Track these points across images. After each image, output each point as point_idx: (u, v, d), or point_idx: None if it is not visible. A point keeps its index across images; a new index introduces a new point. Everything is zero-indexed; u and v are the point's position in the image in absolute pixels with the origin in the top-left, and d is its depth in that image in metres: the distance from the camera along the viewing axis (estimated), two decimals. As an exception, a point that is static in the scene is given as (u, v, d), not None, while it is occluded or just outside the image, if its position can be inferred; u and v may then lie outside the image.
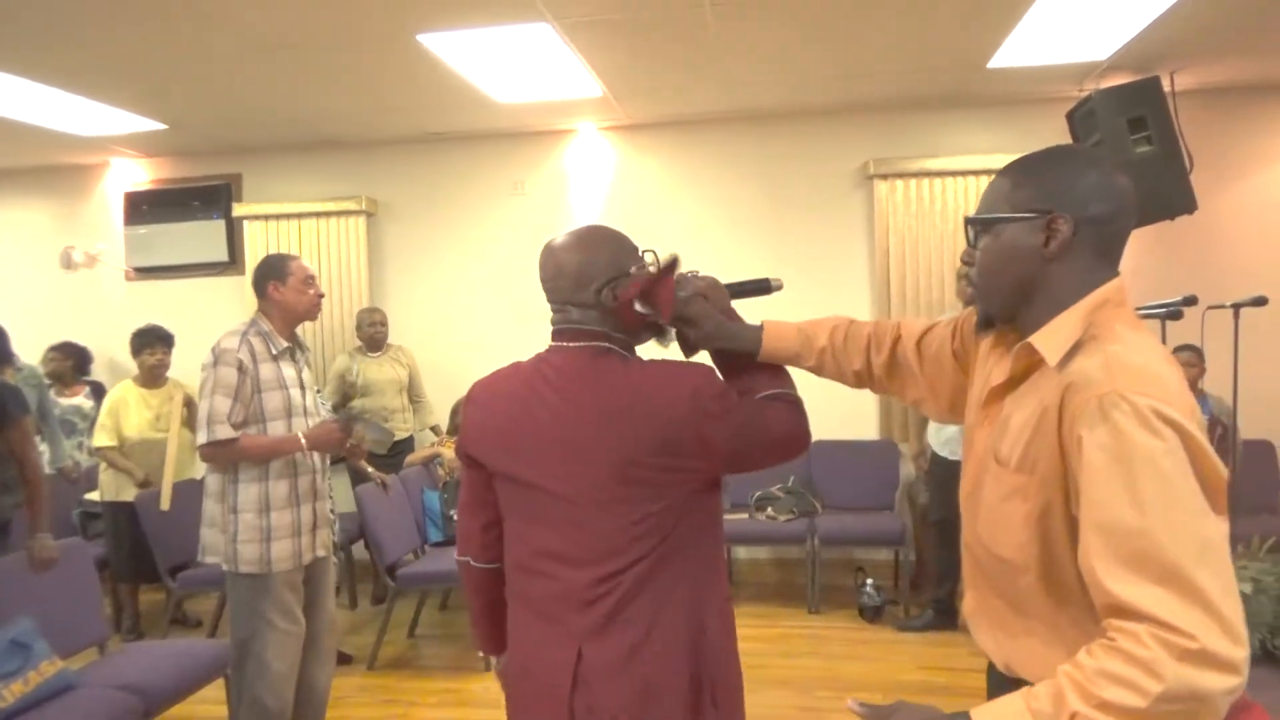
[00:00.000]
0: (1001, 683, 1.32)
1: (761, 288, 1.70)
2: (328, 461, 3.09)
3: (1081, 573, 1.13)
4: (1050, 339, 1.22)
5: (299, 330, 3.04)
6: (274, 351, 2.87)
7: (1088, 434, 1.11)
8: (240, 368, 2.77)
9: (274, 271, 2.91)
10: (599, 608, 1.47)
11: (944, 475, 4.50)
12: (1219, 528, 1.07)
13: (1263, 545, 3.03)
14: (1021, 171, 1.29)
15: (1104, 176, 1.23)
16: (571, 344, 1.56)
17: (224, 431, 2.73)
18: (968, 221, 1.33)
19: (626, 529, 1.46)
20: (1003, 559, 1.28)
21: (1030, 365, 1.26)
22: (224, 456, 2.79)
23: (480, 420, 1.63)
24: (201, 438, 2.75)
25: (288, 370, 2.91)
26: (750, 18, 3.81)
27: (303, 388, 2.96)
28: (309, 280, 2.93)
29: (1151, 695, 1.00)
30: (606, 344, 1.55)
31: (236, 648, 2.85)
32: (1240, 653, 1.01)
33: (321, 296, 2.99)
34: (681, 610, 1.49)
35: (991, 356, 1.38)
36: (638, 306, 1.52)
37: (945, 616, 4.49)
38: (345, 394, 5.19)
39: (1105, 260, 1.24)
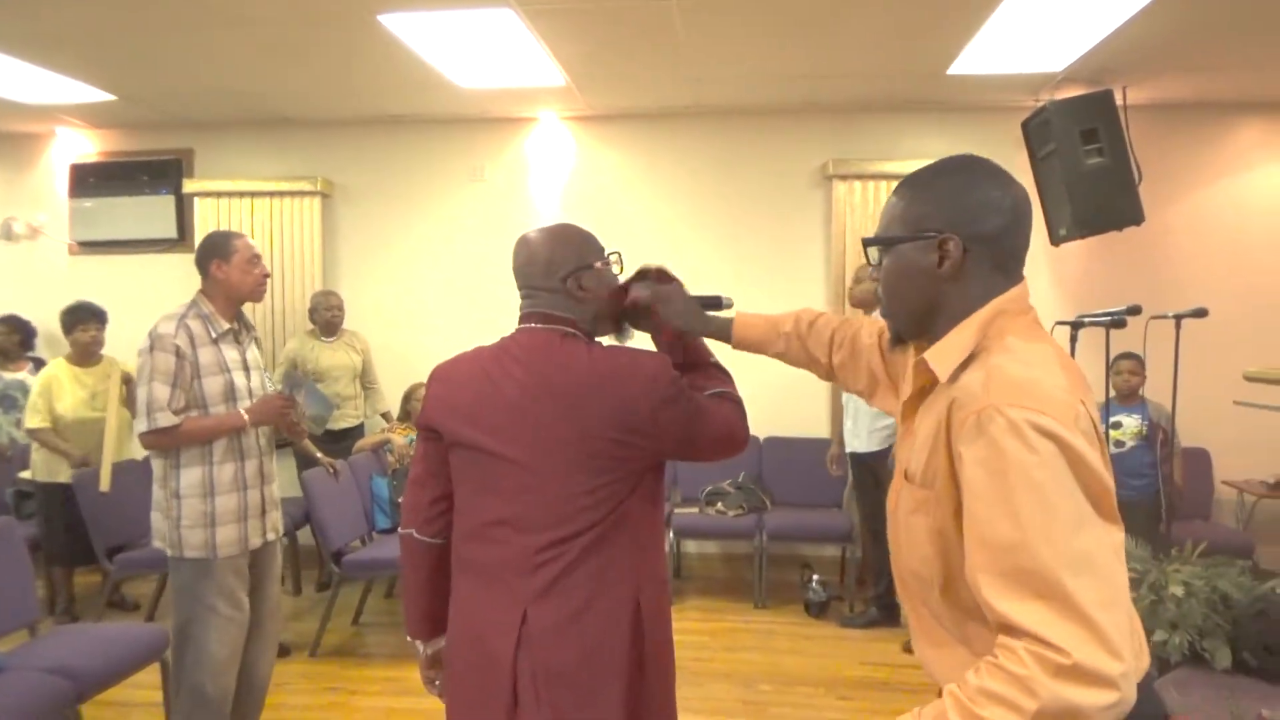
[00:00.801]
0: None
1: (714, 304, 1.82)
2: (273, 445, 3.03)
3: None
4: (942, 354, 1.22)
5: (249, 311, 2.97)
6: (214, 334, 2.79)
7: (966, 450, 1.11)
8: (178, 353, 2.69)
9: (217, 249, 2.83)
10: (545, 572, 1.57)
11: (861, 473, 4.59)
12: (1103, 538, 1.05)
13: (1195, 550, 3.13)
14: (912, 188, 1.28)
15: (994, 190, 1.22)
16: (539, 325, 1.68)
17: (165, 419, 2.66)
18: (865, 243, 1.32)
19: (577, 498, 1.56)
20: (916, 573, 1.28)
21: (931, 379, 1.26)
22: (166, 443, 2.72)
23: (445, 394, 1.72)
24: (141, 426, 2.68)
25: (230, 353, 2.84)
26: (716, 14, 3.81)
27: (247, 370, 2.89)
28: (254, 259, 2.85)
29: (1028, 713, 0.98)
30: (571, 329, 1.67)
31: (177, 633, 2.78)
32: (1117, 667, 0.98)
33: (267, 276, 2.91)
34: (624, 580, 1.60)
35: (910, 369, 1.38)
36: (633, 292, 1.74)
37: (887, 613, 4.56)
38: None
39: (1002, 273, 1.23)
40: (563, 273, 1.67)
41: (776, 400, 5.01)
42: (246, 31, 4.00)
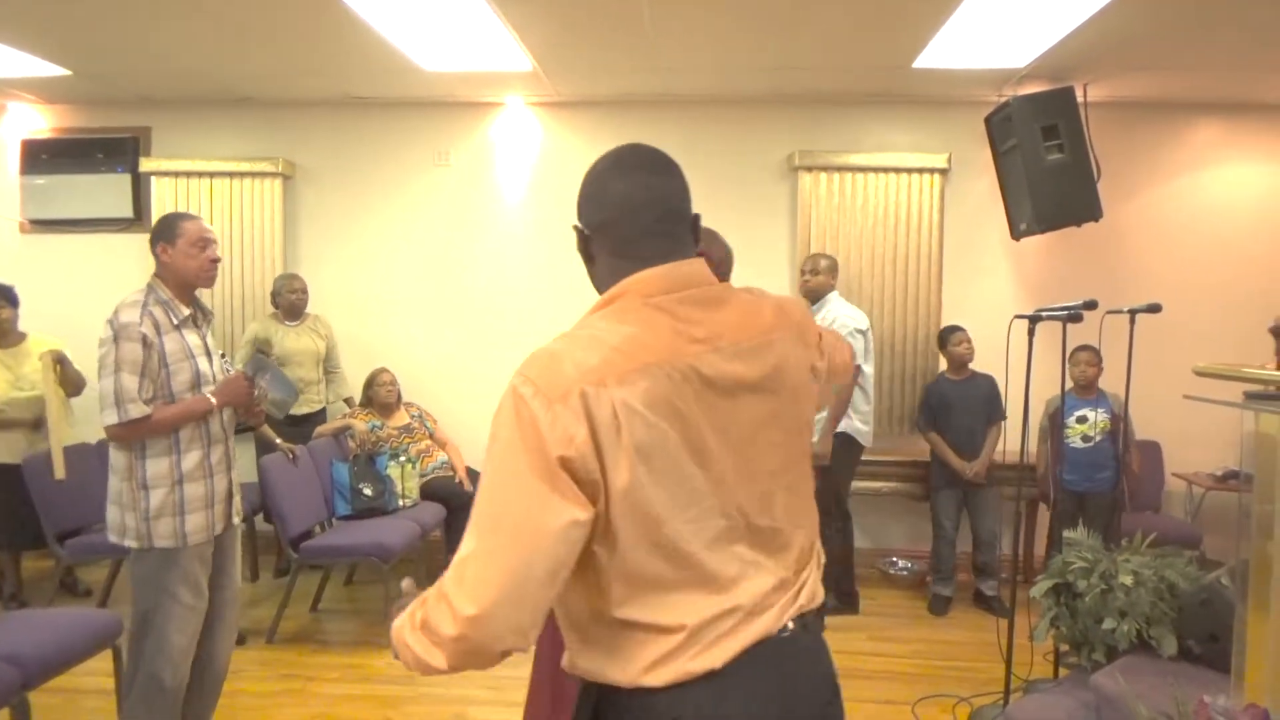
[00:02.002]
0: None
1: None
2: (233, 429, 2.98)
3: None
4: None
5: (208, 294, 2.92)
6: (175, 321, 2.73)
7: None
8: (145, 342, 2.63)
9: (164, 232, 2.75)
10: None
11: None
12: (532, 502, 1.12)
13: (1144, 540, 3.20)
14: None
15: (600, 188, 1.34)
16: None
17: (138, 410, 2.60)
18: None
19: None
20: None
21: None
22: (135, 435, 2.66)
23: None
24: (111, 418, 2.60)
25: (192, 339, 2.78)
26: (683, 3, 3.80)
27: (209, 355, 2.84)
28: (202, 242, 2.75)
29: (423, 613, 1.16)
30: None
31: (138, 621, 2.73)
32: (466, 609, 1.10)
33: (215, 261, 2.79)
34: None
35: None
36: None
37: (846, 599, 4.62)
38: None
39: (624, 258, 1.31)
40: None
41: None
42: (206, 7, 3.91)
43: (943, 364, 5.07)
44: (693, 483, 1.20)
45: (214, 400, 2.75)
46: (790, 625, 1.28)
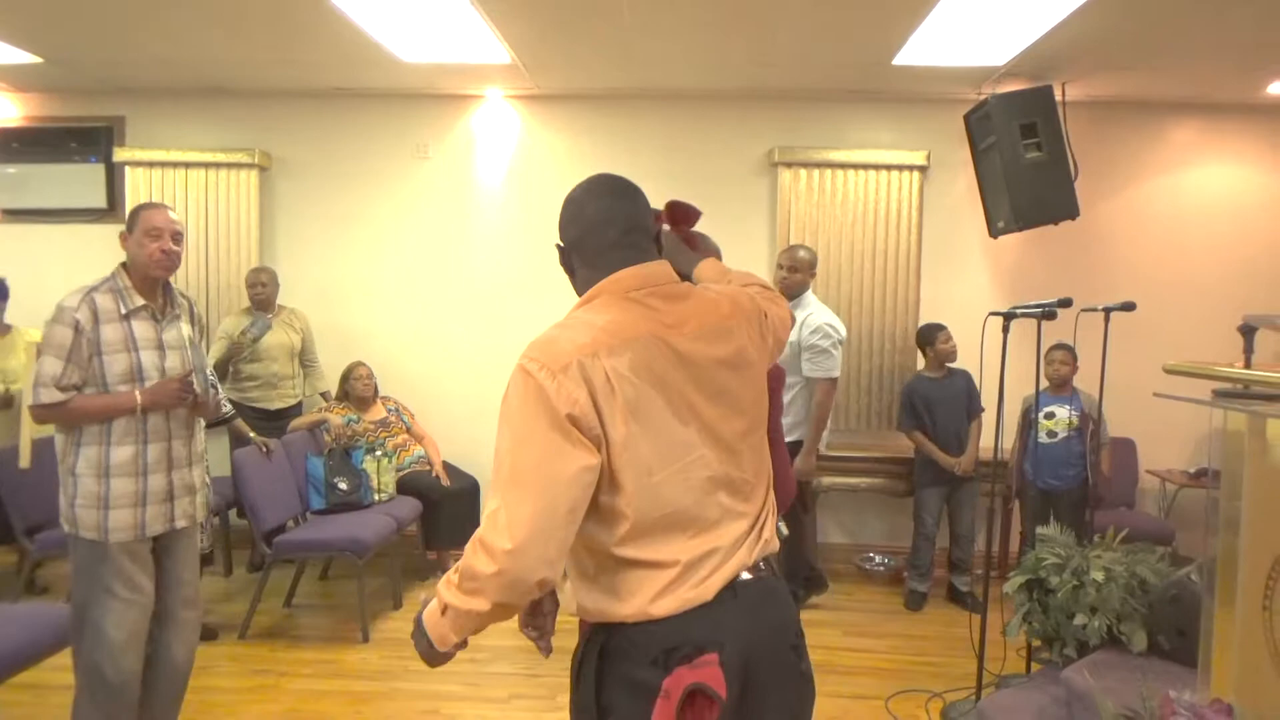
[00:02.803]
0: None
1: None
2: (193, 428, 2.92)
3: None
4: None
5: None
6: (124, 310, 2.68)
7: None
8: (76, 328, 2.59)
9: (128, 220, 2.75)
10: None
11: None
12: (549, 453, 1.34)
13: (1116, 536, 3.22)
14: None
15: (576, 211, 1.58)
16: None
17: (49, 395, 2.57)
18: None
19: None
20: None
21: None
22: (55, 419, 2.63)
23: None
24: (28, 399, 2.60)
25: (143, 330, 2.72)
26: (662, -5, 3.79)
27: (163, 349, 2.77)
28: (155, 232, 2.70)
29: (458, 571, 1.36)
30: None
31: (76, 613, 2.70)
32: (503, 544, 1.30)
33: (166, 253, 2.72)
34: None
35: None
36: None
37: (814, 583, 4.62)
38: (230, 355, 4.97)
39: (597, 268, 1.54)
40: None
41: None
42: (179, -5, 3.86)
43: (920, 361, 5.06)
44: (678, 437, 1.43)
45: (139, 399, 2.68)
46: (761, 565, 1.51)
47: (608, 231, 1.54)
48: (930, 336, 4.87)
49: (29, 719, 3.26)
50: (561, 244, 1.60)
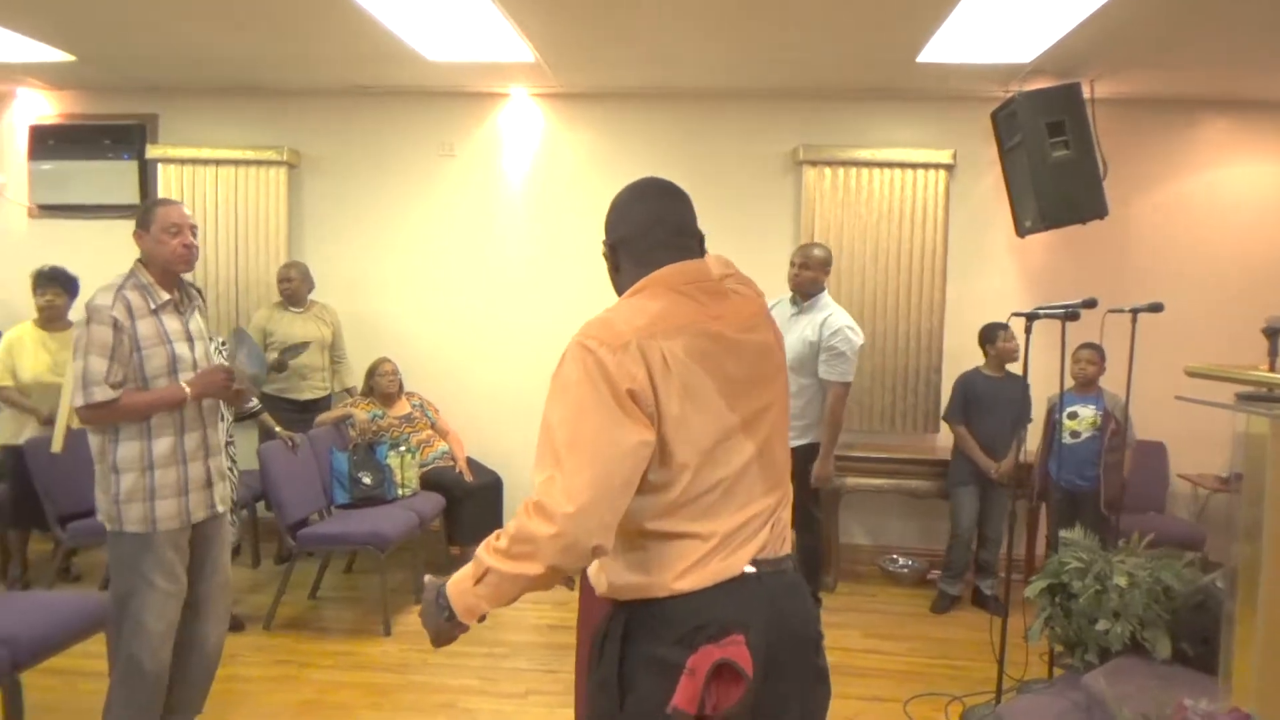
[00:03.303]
0: None
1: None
2: (228, 415, 2.99)
3: None
4: None
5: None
6: (153, 305, 2.74)
7: None
8: (115, 326, 2.64)
9: (140, 218, 2.76)
10: None
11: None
12: (608, 423, 1.38)
13: (1142, 541, 3.17)
14: None
15: (625, 211, 1.66)
16: None
17: (102, 394, 2.61)
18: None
19: None
20: None
21: None
22: (104, 418, 2.67)
23: None
24: (78, 400, 2.62)
25: (171, 324, 2.78)
26: (685, -7, 3.78)
27: (191, 340, 2.84)
28: (174, 228, 2.74)
29: (507, 534, 1.40)
30: None
31: (115, 605, 2.76)
32: (564, 507, 1.34)
33: (189, 246, 2.76)
34: None
35: None
36: None
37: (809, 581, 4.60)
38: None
39: (643, 265, 1.59)
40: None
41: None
42: (209, -5, 3.92)
43: (964, 360, 5.00)
44: (725, 420, 1.50)
45: (188, 390, 2.74)
46: (785, 557, 1.57)
47: (656, 231, 1.61)
48: (991, 335, 4.79)
49: (59, 705, 3.33)
50: (609, 242, 1.66)
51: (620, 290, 1.63)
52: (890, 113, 5.37)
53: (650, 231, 1.61)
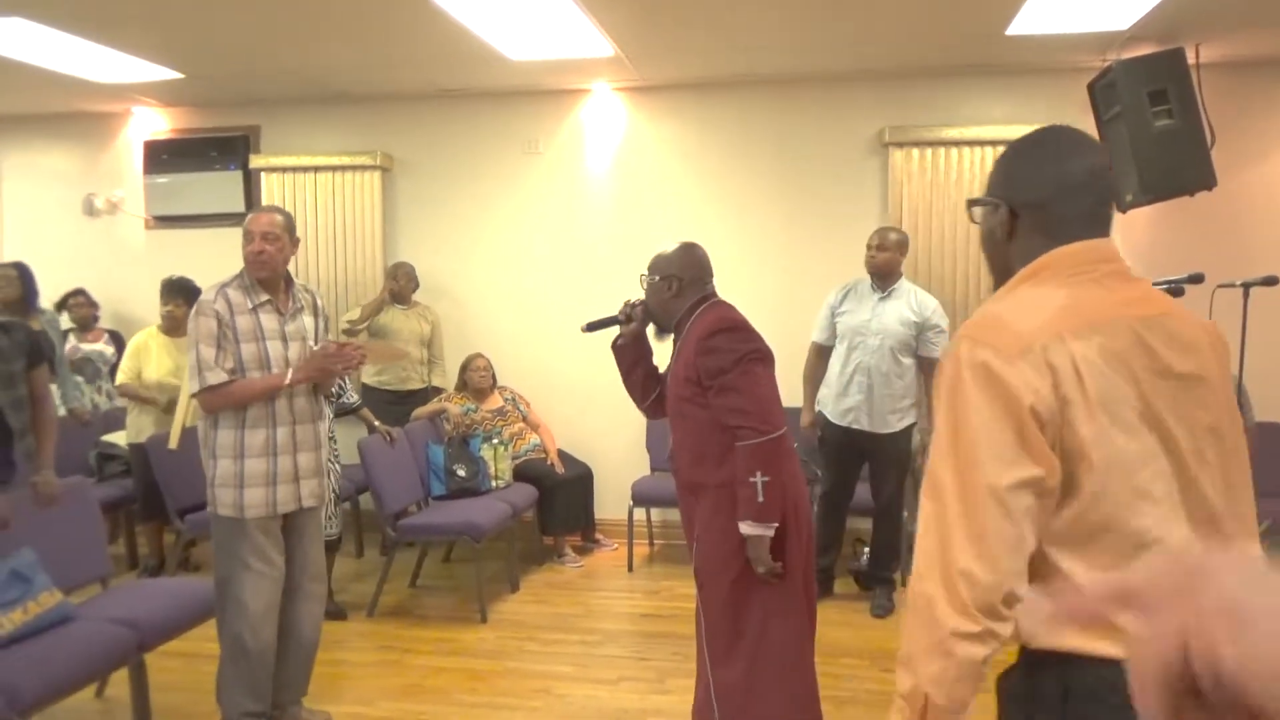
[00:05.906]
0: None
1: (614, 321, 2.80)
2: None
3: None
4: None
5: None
6: (252, 304, 2.91)
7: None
8: (218, 317, 2.83)
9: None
10: None
11: (835, 444, 4.39)
12: (1000, 451, 1.14)
13: (1262, 529, 3.01)
14: (997, 160, 1.42)
15: (1035, 168, 1.33)
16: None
17: (215, 376, 2.80)
18: (968, 203, 1.47)
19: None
20: None
21: None
22: (219, 402, 2.84)
23: None
24: (194, 385, 2.82)
25: (268, 323, 2.94)
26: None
27: (285, 340, 2.97)
28: (248, 235, 2.92)
29: (911, 654, 1.19)
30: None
31: (218, 587, 2.94)
32: (967, 565, 1.13)
33: (258, 253, 2.90)
34: None
35: None
36: None
37: (821, 585, 4.46)
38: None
39: (1050, 238, 1.30)
40: None
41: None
42: (300, 9, 4.08)
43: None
44: (1146, 442, 1.19)
45: (288, 377, 2.89)
46: None
47: (1083, 198, 1.31)
48: None
49: (180, 684, 3.53)
50: (1003, 203, 1.35)
51: (1007, 265, 1.35)
52: (979, 89, 5.22)
53: (1077, 198, 1.30)
